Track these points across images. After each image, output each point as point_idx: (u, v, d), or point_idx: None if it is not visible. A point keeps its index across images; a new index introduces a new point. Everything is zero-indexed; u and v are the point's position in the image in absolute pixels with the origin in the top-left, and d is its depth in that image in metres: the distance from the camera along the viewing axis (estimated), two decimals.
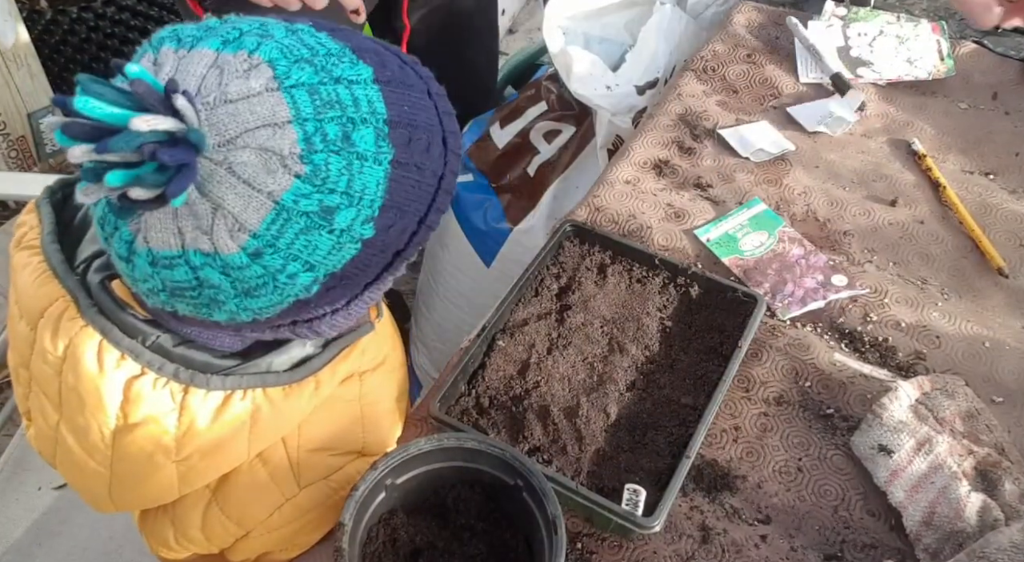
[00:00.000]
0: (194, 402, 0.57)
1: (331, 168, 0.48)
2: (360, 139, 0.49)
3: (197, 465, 0.58)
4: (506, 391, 0.74)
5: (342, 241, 0.49)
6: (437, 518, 0.65)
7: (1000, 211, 0.93)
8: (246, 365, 0.58)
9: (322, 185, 0.47)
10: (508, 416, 0.72)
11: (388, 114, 0.51)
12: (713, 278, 0.81)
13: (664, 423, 0.72)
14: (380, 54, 0.53)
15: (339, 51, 0.51)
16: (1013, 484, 0.68)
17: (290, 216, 0.47)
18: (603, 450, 0.70)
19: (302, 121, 0.47)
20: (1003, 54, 1.11)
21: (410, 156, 0.52)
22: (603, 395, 0.73)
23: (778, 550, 0.67)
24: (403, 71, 0.54)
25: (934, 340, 0.81)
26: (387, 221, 0.51)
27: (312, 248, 0.48)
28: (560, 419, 0.71)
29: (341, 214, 0.49)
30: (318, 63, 0.49)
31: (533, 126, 1.27)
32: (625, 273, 0.83)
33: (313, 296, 0.51)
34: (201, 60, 0.48)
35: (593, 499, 0.65)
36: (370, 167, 0.49)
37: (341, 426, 0.67)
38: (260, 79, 0.47)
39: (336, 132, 0.48)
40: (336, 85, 0.49)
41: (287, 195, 0.47)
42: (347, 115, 0.49)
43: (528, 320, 0.79)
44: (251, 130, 0.46)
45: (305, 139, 0.47)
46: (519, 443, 0.70)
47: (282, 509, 0.64)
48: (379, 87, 0.51)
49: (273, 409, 0.59)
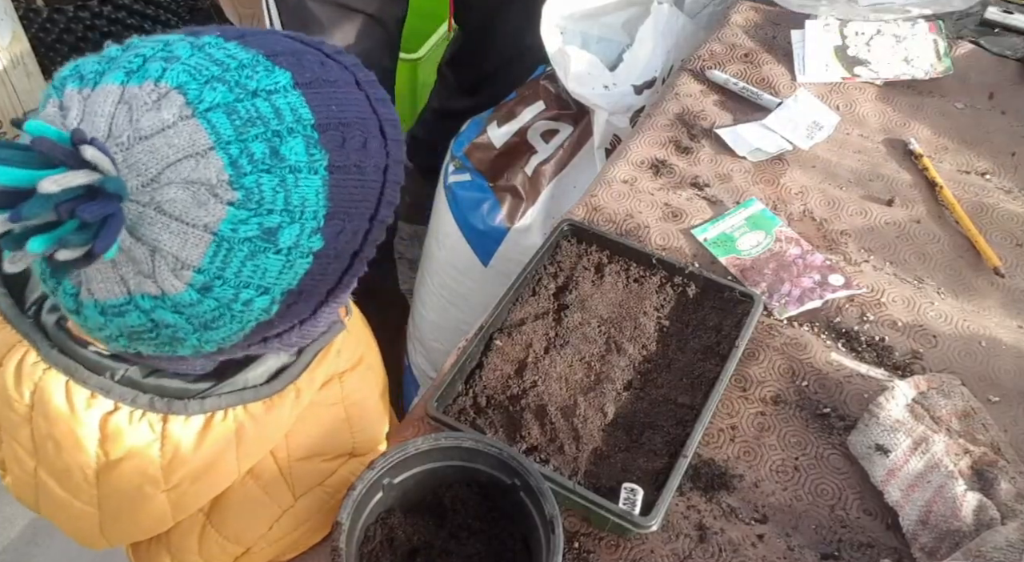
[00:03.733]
0: (175, 429, 0.56)
1: (264, 188, 0.46)
2: (290, 151, 0.47)
3: (188, 491, 0.57)
4: (503, 391, 0.74)
5: (292, 258, 0.48)
6: (435, 517, 0.65)
7: (996, 211, 0.93)
8: (222, 385, 0.57)
9: (258, 207, 0.45)
10: (505, 416, 0.72)
11: (315, 118, 0.49)
12: (710, 277, 0.81)
13: (661, 422, 0.72)
14: (297, 54, 0.51)
15: (251, 61, 0.48)
16: (1009, 483, 0.68)
17: (232, 245, 0.45)
18: (600, 449, 0.70)
19: (224, 145, 0.45)
20: (1000, 54, 1.11)
21: (347, 157, 0.50)
22: (600, 394, 0.73)
23: (775, 549, 0.67)
24: (324, 68, 0.52)
25: (930, 339, 0.81)
26: (335, 228, 0.50)
27: (262, 272, 0.47)
28: (557, 418, 0.71)
29: (284, 232, 0.47)
30: (231, 78, 0.47)
31: (531, 125, 1.27)
32: (622, 272, 0.83)
33: (274, 316, 0.50)
34: (107, 98, 0.45)
35: (590, 498, 0.65)
36: (306, 178, 0.47)
37: (328, 430, 0.66)
38: (172, 108, 0.45)
39: (263, 150, 0.46)
40: (254, 99, 0.47)
41: (224, 225, 0.45)
42: (271, 129, 0.47)
43: (525, 320, 0.79)
44: (173, 164, 0.44)
45: (231, 163, 0.45)
46: (516, 443, 0.70)
47: (280, 521, 0.64)
48: (300, 92, 0.49)
49: (257, 424, 0.58)
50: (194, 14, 2.18)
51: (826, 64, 1.09)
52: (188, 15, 2.12)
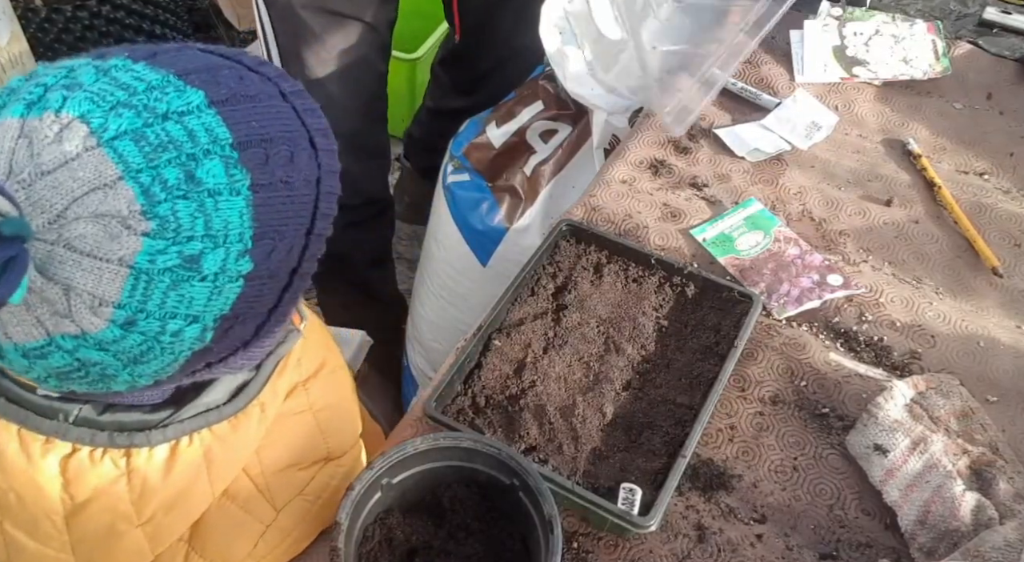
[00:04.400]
0: (140, 462, 0.54)
1: (181, 215, 0.43)
2: (207, 175, 0.45)
3: (163, 522, 0.56)
4: (502, 390, 0.74)
5: (219, 284, 0.46)
6: (433, 517, 0.65)
7: (994, 211, 0.93)
8: (182, 410, 0.56)
9: (176, 236, 0.43)
10: (504, 415, 0.72)
11: (233, 137, 0.46)
12: (709, 277, 0.81)
13: (660, 422, 0.72)
14: (212, 69, 0.49)
15: (161, 82, 0.46)
16: (1007, 483, 0.68)
17: (151, 277, 0.43)
18: (599, 449, 0.70)
19: (134, 174, 0.43)
20: (998, 54, 1.11)
21: (271, 175, 0.48)
22: (599, 394, 0.73)
23: (774, 549, 0.67)
24: (243, 83, 0.49)
25: (929, 339, 0.81)
26: (266, 248, 0.48)
27: (188, 301, 0.45)
28: (556, 418, 0.71)
29: (208, 259, 0.45)
30: (138, 103, 0.44)
31: (530, 125, 1.27)
32: (621, 272, 0.83)
33: (211, 343, 0.48)
34: (5, 133, 0.43)
35: (589, 498, 0.65)
36: (227, 201, 0.45)
37: (299, 440, 0.65)
38: (75, 140, 0.42)
39: (176, 175, 0.44)
40: (164, 122, 0.44)
41: (140, 257, 0.43)
42: (185, 153, 0.44)
43: (524, 320, 0.79)
44: (79, 198, 0.42)
45: (143, 192, 0.42)
46: (515, 442, 0.70)
47: (265, 536, 0.63)
48: (216, 110, 0.46)
49: (224, 445, 0.57)
50: (192, 14, 2.17)
51: (824, 64, 1.09)
52: (186, 15, 2.12)
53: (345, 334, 1.11)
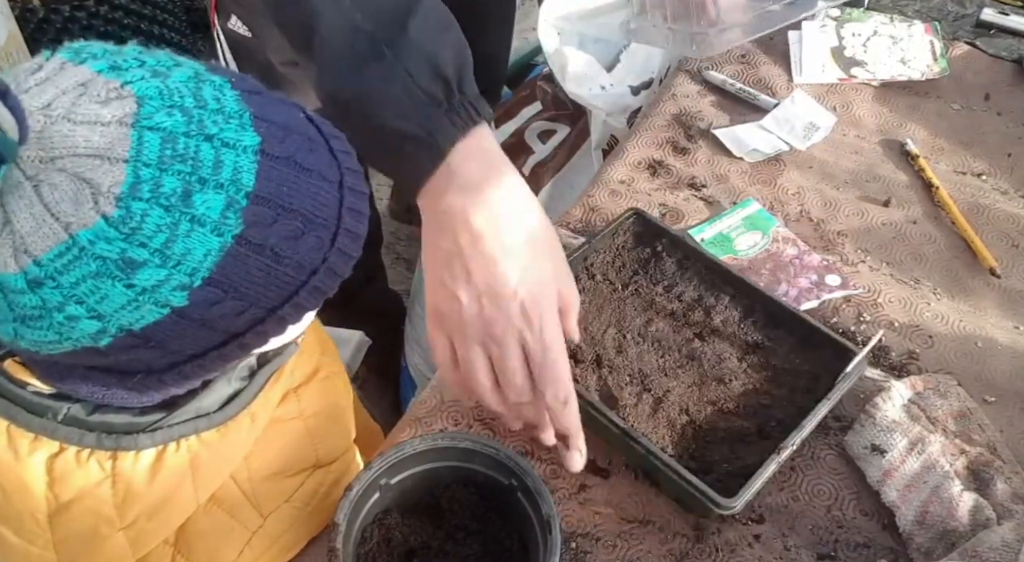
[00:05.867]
0: (126, 466, 0.54)
1: (148, 221, 0.43)
2: (203, 202, 0.44)
3: (145, 527, 0.56)
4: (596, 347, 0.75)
5: (141, 300, 0.44)
6: (432, 518, 0.65)
7: (992, 212, 0.93)
8: (172, 416, 0.55)
9: (130, 235, 0.42)
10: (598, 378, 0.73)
11: (255, 188, 0.45)
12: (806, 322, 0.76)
13: (754, 414, 0.72)
14: (290, 130, 0.48)
15: (235, 112, 0.46)
16: (1005, 483, 0.68)
17: (81, 255, 0.42)
18: (694, 426, 0.71)
19: (139, 164, 0.42)
20: (996, 55, 1.11)
21: (265, 238, 0.46)
22: (689, 374, 0.74)
23: (772, 549, 0.67)
24: (310, 155, 0.49)
25: (927, 340, 0.81)
26: (210, 296, 0.46)
27: (101, 296, 0.43)
28: (649, 382, 0.73)
29: (145, 272, 0.43)
30: (196, 116, 0.45)
31: (528, 126, 1.28)
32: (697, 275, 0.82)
33: (106, 348, 0.46)
34: (74, 76, 0.44)
35: (684, 476, 0.64)
36: (203, 234, 0.44)
37: (289, 447, 0.65)
38: (117, 111, 0.43)
39: (174, 186, 0.43)
40: (203, 142, 0.44)
41: (85, 233, 0.42)
42: (199, 174, 0.44)
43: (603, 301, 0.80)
44: (78, 156, 0.42)
45: (133, 183, 0.42)
46: (613, 405, 0.71)
47: (251, 542, 0.62)
48: (258, 159, 0.46)
49: (212, 452, 0.57)
50: (190, 14, 2.17)
51: (823, 65, 1.09)
52: (185, 15, 2.11)
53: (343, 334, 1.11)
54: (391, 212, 1.96)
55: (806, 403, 0.71)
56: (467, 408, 0.75)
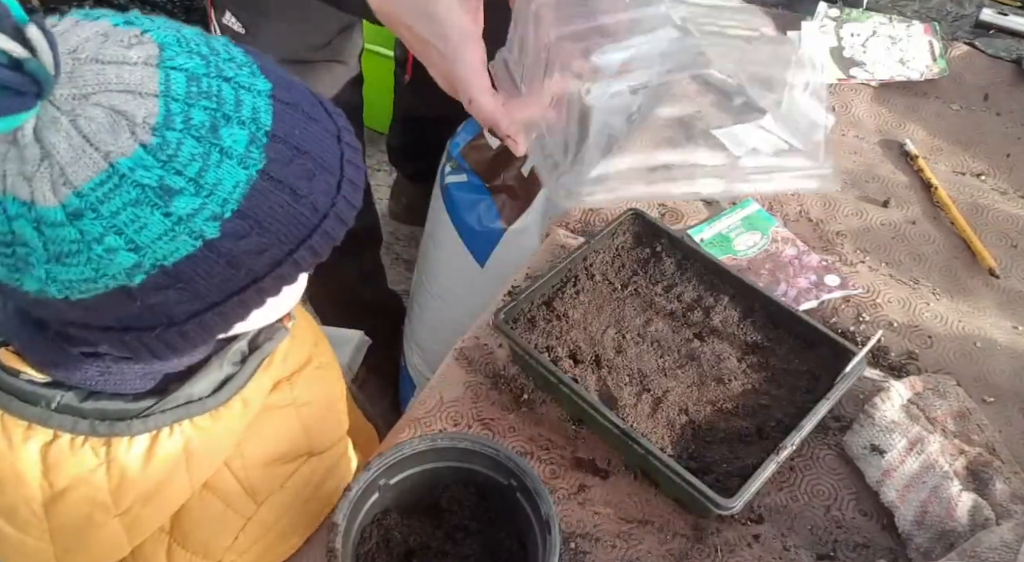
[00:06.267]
0: (120, 452, 0.54)
1: (183, 149, 0.45)
2: (229, 136, 0.46)
3: (141, 513, 0.56)
4: (590, 346, 0.75)
5: (177, 230, 0.45)
6: (431, 518, 0.65)
7: (991, 212, 0.93)
8: (164, 401, 0.56)
9: (168, 162, 0.44)
10: (597, 377, 0.73)
11: (272, 127, 0.48)
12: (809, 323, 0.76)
13: (752, 414, 0.72)
14: (293, 87, 0.52)
15: (244, 61, 0.49)
16: (1004, 483, 0.68)
17: (122, 183, 0.43)
18: (691, 426, 0.71)
19: (170, 98, 0.45)
20: (995, 56, 1.11)
21: (286, 176, 0.48)
22: (688, 374, 0.74)
23: (771, 550, 0.67)
24: (313, 108, 0.52)
25: (926, 340, 0.81)
26: (239, 229, 0.47)
27: (140, 225, 0.44)
28: (649, 382, 0.73)
29: (182, 199, 0.45)
30: (212, 61, 0.48)
31: None
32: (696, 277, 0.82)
33: (137, 288, 0.46)
34: (93, 28, 0.46)
35: (684, 476, 0.64)
36: (231, 166, 0.46)
37: (282, 434, 0.65)
38: (142, 52, 0.45)
39: (203, 119, 0.45)
40: (223, 82, 0.47)
41: (124, 161, 0.43)
42: (223, 111, 0.46)
43: (603, 300, 0.80)
44: (111, 91, 0.44)
45: (166, 114, 0.44)
46: (612, 405, 0.71)
47: (246, 529, 0.63)
48: (272, 102, 0.49)
49: (205, 438, 0.57)
50: (190, 13, 2.17)
51: (822, 65, 1.09)
52: (184, 16, 2.12)
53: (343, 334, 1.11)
54: (390, 212, 1.96)
55: (805, 403, 0.71)
56: (466, 409, 0.75)
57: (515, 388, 0.76)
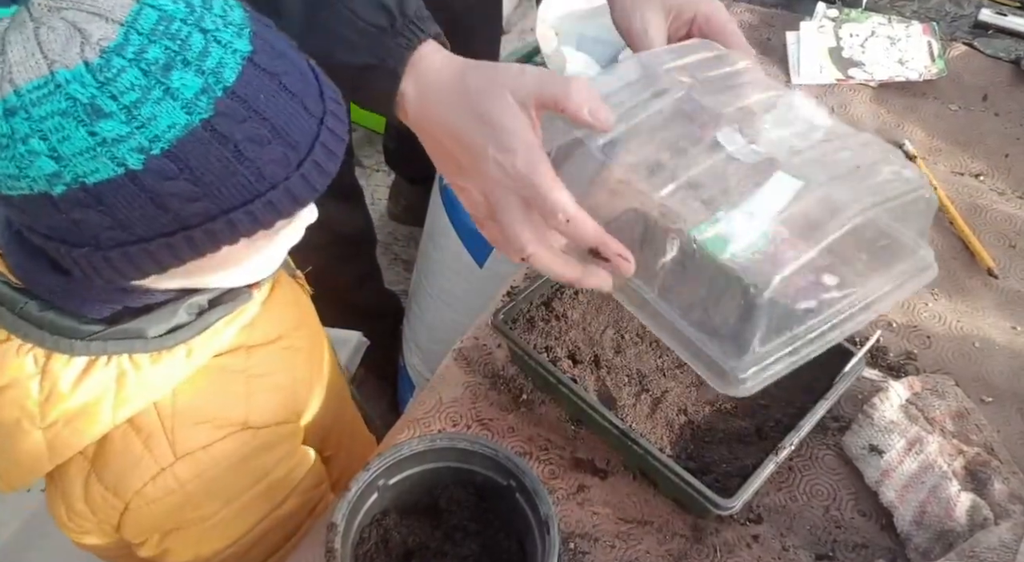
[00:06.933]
0: (56, 367, 0.57)
1: (123, 77, 0.45)
2: (180, 79, 0.46)
3: (62, 432, 0.59)
4: (588, 346, 0.75)
5: (99, 152, 0.46)
6: (430, 519, 0.65)
7: (990, 212, 0.93)
8: (112, 330, 0.58)
9: (104, 84, 0.45)
10: (596, 378, 0.73)
11: (233, 85, 0.48)
12: None
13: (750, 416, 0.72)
14: (287, 59, 0.51)
15: (237, 23, 0.49)
16: (1002, 483, 0.68)
17: (56, 91, 0.45)
18: (690, 426, 0.71)
19: (132, 31, 0.46)
20: (993, 56, 1.11)
21: (232, 133, 0.48)
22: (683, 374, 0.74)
23: (770, 550, 0.67)
24: (299, 85, 0.52)
25: (925, 340, 0.81)
26: (166, 169, 0.47)
27: (63, 136, 0.46)
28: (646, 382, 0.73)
29: (108, 123, 0.46)
30: (198, 11, 0.48)
31: None
32: None
33: (59, 198, 0.47)
34: None
35: (683, 476, 0.64)
36: (172, 107, 0.46)
37: (221, 396, 0.66)
38: None
39: (158, 56, 0.46)
40: (197, 31, 0.47)
41: (64, 72, 0.45)
42: (183, 55, 0.47)
43: None
44: (81, 10, 0.45)
45: (121, 42, 0.45)
46: (612, 406, 0.71)
47: (157, 479, 0.63)
48: (244, 64, 0.49)
49: (140, 375, 0.59)
50: None
51: (820, 66, 1.09)
52: None
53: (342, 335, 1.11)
54: (389, 213, 1.96)
55: (804, 403, 0.71)
56: (465, 409, 0.75)
57: (514, 388, 0.76)
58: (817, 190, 0.55)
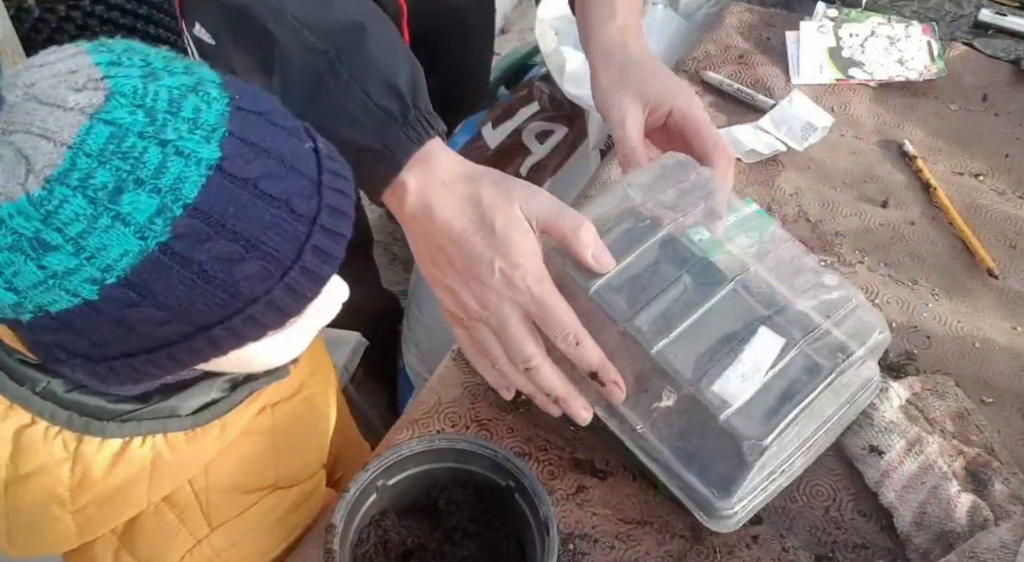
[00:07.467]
0: (88, 451, 0.54)
1: (66, 207, 0.42)
2: (131, 202, 0.42)
3: (95, 515, 0.56)
4: None
5: (51, 284, 0.43)
6: (429, 519, 0.65)
7: (990, 212, 0.93)
8: (145, 410, 0.55)
9: (47, 218, 0.42)
10: None
11: (195, 201, 0.43)
12: None
13: None
14: (270, 156, 0.46)
15: (208, 126, 0.45)
16: (1003, 484, 0.68)
17: (0, 226, 0.42)
18: None
19: (79, 152, 0.42)
20: (993, 56, 1.11)
21: (194, 253, 0.44)
22: None
23: (769, 551, 0.67)
24: (282, 182, 0.46)
25: (924, 341, 0.81)
26: (123, 297, 0.44)
27: (14, 270, 0.43)
28: None
29: (56, 256, 0.43)
30: (160, 120, 0.43)
31: (525, 127, 1.27)
32: None
33: (27, 325, 0.46)
34: (72, 63, 0.44)
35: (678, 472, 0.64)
36: (124, 234, 0.42)
37: (253, 462, 0.65)
38: (83, 99, 0.43)
39: (106, 181, 0.42)
40: (154, 145, 0.43)
41: (7, 206, 0.42)
42: (136, 175, 0.42)
43: None
44: (30, 133, 0.42)
45: (67, 168, 0.42)
46: None
47: (194, 551, 0.62)
48: (210, 174, 0.44)
49: (175, 455, 0.57)
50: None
51: (820, 66, 1.09)
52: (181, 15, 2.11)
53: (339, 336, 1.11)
54: (388, 213, 1.96)
55: None
56: (464, 410, 0.74)
57: None
58: (793, 348, 0.60)
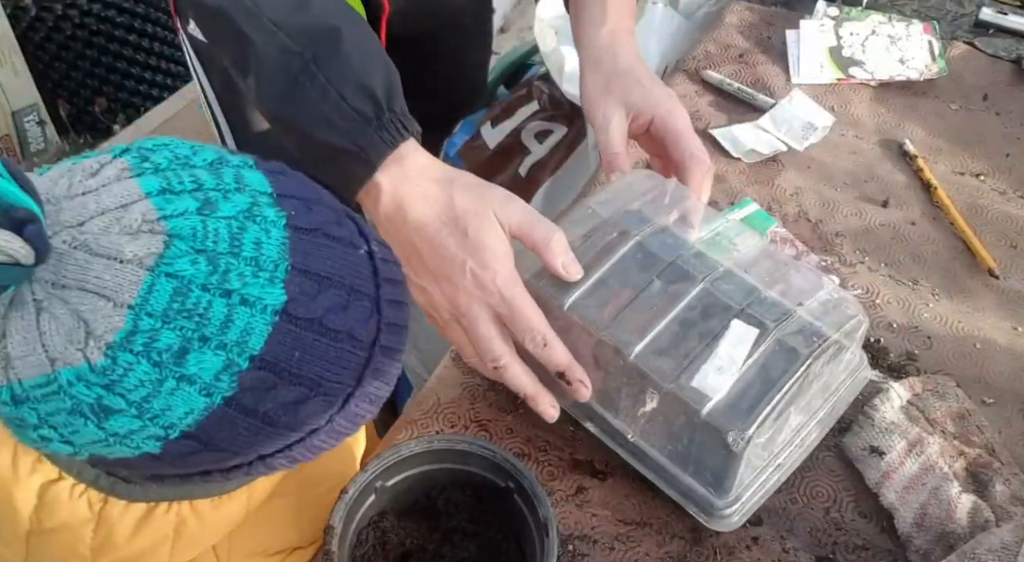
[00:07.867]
0: (113, 514, 0.53)
1: (131, 375, 0.40)
2: (197, 362, 0.41)
3: None
4: None
5: (111, 441, 0.43)
6: (428, 520, 0.65)
7: (990, 212, 0.93)
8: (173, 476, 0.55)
9: (110, 386, 0.40)
10: None
11: (262, 352, 0.42)
12: None
13: None
14: (333, 283, 0.45)
15: (271, 262, 0.42)
16: (1004, 485, 0.68)
17: (60, 392, 0.41)
18: None
19: (142, 313, 0.40)
20: (994, 55, 1.11)
21: (260, 403, 0.43)
22: None
23: (770, 552, 0.66)
24: (343, 312, 0.45)
25: (925, 341, 0.81)
26: (185, 448, 0.44)
27: (73, 430, 0.42)
28: None
29: (119, 419, 0.42)
30: (222, 265, 0.41)
31: (525, 126, 1.27)
32: None
33: (88, 459, 0.46)
34: (120, 195, 0.41)
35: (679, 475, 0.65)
36: (189, 393, 0.41)
37: (275, 525, 0.64)
38: (141, 249, 0.40)
39: (172, 342, 0.40)
40: (219, 297, 0.41)
41: (67, 372, 0.40)
42: (201, 332, 0.41)
43: None
44: (86, 291, 0.40)
45: (128, 333, 0.40)
46: None
47: None
48: (276, 320, 0.42)
49: (200, 522, 0.56)
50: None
51: (820, 65, 1.09)
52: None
53: None
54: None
55: None
56: (463, 410, 0.74)
57: None
58: (768, 337, 0.61)
